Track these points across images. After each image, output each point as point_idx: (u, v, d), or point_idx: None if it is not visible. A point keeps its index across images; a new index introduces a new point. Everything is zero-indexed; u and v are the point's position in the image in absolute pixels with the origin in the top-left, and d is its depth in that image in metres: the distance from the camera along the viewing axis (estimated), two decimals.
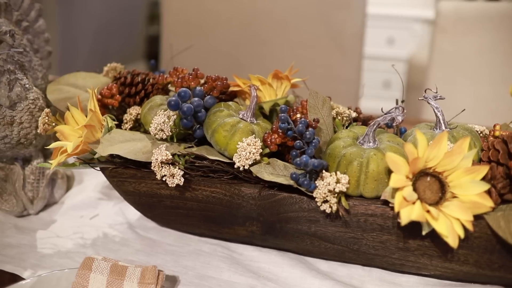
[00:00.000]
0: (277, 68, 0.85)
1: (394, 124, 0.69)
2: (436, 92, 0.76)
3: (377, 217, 0.69)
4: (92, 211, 0.93)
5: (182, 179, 0.73)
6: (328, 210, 0.67)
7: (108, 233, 0.86)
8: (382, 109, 0.71)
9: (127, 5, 3.20)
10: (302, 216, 0.72)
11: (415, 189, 0.65)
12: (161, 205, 0.80)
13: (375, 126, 0.69)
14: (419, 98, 0.77)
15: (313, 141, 0.70)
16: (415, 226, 0.66)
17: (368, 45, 3.17)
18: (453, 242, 0.63)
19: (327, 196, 0.67)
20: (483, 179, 0.66)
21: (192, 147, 0.78)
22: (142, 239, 0.85)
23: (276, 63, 0.91)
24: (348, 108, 0.85)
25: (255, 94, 0.76)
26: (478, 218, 0.66)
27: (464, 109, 0.83)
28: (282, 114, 0.71)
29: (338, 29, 1.60)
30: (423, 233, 0.65)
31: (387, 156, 0.63)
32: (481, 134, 0.80)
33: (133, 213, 0.91)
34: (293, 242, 0.76)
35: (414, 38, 3.31)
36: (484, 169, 0.65)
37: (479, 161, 0.73)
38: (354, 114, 0.81)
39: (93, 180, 1.02)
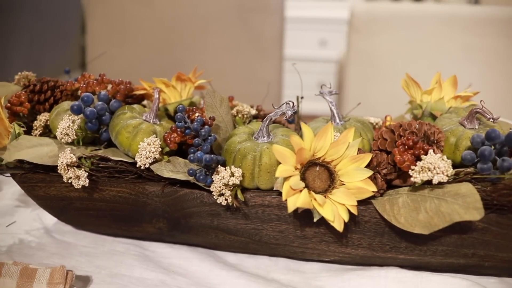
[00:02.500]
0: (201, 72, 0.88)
1: (285, 119, 0.72)
2: (331, 88, 0.81)
3: (274, 207, 0.72)
4: (9, 219, 0.93)
5: (87, 180, 0.75)
6: (224, 203, 0.71)
7: (24, 239, 0.87)
8: (273, 105, 0.75)
9: (61, 15, 3.16)
10: (204, 211, 0.75)
11: (304, 179, 0.69)
12: (71, 208, 0.82)
13: (267, 121, 0.73)
14: (315, 94, 0.81)
15: (209, 138, 0.73)
16: (309, 215, 0.70)
17: (302, 47, 3.24)
18: (338, 226, 0.67)
19: (222, 189, 0.70)
20: (369, 166, 0.71)
21: (99, 149, 0.80)
22: (58, 242, 0.86)
23: (199, 67, 0.93)
24: (251, 107, 0.88)
25: (158, 96, 0.79)
26: (367, 203, 0.70)
27: (360, 103, 0.88)
28: (179, 114, 0.75)
29: (257, 32, 1.64)
30: (314, 220, 0.68)
31: (273, 148, 0.67)
32: (376, 126, 0.85)
33: (50, 218, 0.92)
34: (199, 236, 0.79)
35: (345, 39, 3.38)
36: (367, 157, 0.70)
37: (370, 150, 0.77)
38: (254, 112, 0.85)
39: (11, 188, 1.02)
